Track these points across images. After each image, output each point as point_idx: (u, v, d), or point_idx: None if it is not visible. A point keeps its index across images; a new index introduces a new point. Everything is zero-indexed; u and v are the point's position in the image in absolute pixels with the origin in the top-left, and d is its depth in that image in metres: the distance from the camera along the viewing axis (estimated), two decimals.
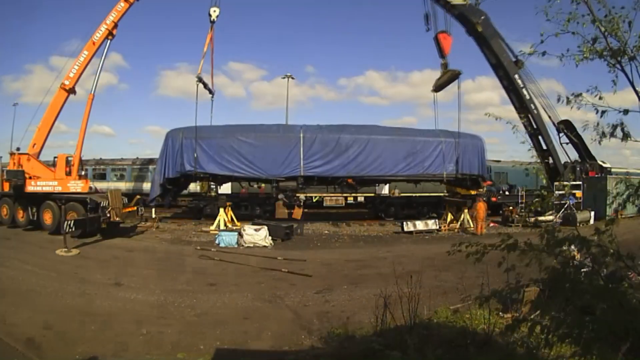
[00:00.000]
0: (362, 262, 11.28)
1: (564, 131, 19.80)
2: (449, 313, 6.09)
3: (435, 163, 17.00)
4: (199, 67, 16.44)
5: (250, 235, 13.59)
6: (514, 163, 24.01)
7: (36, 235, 14.66)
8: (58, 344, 5.68)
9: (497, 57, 18.20)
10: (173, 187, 17.12)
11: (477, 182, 18.13)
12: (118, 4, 16.27)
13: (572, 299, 2.61)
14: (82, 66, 16.14)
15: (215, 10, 16.28)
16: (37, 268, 9.94)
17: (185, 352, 5.52)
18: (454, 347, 4.34)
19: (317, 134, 16.88)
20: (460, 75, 17.35)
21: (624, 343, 2.41)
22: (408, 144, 17.09)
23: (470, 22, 17.61)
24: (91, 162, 24.39)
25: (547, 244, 2.71)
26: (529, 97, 18.60)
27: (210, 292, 8.41)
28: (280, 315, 7.13)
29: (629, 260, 2.57)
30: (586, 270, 2.77)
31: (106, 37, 16.28)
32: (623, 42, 2.82)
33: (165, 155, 16.55)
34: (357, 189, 18.62)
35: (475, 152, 17.68)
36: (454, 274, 8.71)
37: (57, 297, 7.71)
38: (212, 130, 17.13)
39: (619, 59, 2.82)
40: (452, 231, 17.20)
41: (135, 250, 12.90)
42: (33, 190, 15.34)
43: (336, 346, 5.47)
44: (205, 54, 16.68)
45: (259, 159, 16.32)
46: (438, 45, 17.44)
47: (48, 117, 16.04)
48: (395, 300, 5.06)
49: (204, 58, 16.63)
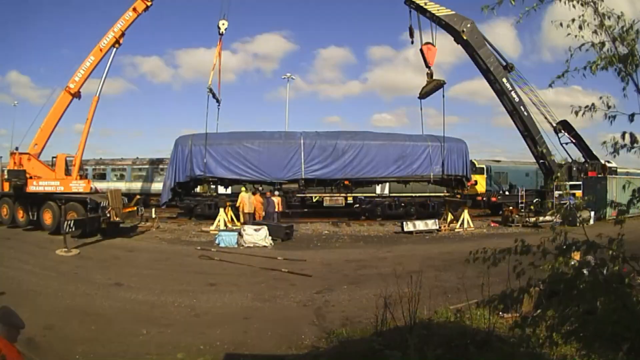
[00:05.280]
0: (362, 262, 11.27)
1: (562, 131, 19.85)
2: (449, 313, 6.09)
3: (423, 165, 18.41)
4: (209, 78, 17.27)
5: (250, 235, 13.58)
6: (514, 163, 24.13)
7: (36, 235, 14.67)
8: (58, 344, 5.67)
9: (485, 63, 18.53)
10: (182, 190, 17.89)
11: (461, 182, 19.40)
12: (126, 13, 16.53)
13: (574, 299, 2.61)
14: (87, 71, 16.35)
15: (224, 23, 16.98)
16: (37, 268, 9.94)
17: (185, 352, 5.51)
18: (454, 347, 4.33)
19: (316, 140, 18.19)
20: (444, 84, 18.39)
21: (626, 342, 2.41)
22: (398, 148, 18.51)
23: (456, 31, 18.02)
24: (91, 162, 24.41)
25: (560, 251, 2.72)
26: (519, 100, 18.99)
27: (210, 292, 8.40)
28: (280, 315, 7.12)
29: (633, 262, 2.56)
30: (588, 270, 2.77)
31: (112, 45, 16.51)
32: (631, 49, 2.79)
33: (175, 161, 17.42)
34: (353, 190, 19.84)
35: (459, 154, 18.93)
36: (454, 274, 8.72)
37: (57, 297, 7.70)
38: (219, 137, 18.01)
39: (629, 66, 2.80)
40: (452, 231, 17.21)
41: (135, 250, 12.90)
42: (35, 190, 15.34)
43: (336, 346, 5.47)
44: (215, 65, 17.43)
45: (264, 163, 17.51)
46: (424, 57, 18.00)
47: (51, 119, 16.10)
48: (396, 300, 5.06)
49: (213, 70, 17.41)
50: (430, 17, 17.69)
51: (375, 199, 21.60)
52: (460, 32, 17.93)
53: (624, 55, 2.77)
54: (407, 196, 21.36)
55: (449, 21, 17.83)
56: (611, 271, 2.59)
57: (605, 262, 2.59)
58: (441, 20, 17.66)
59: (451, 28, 18.06)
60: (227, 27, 17.07)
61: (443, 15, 17.62)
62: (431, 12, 17.54)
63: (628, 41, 2.77)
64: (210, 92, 16.99)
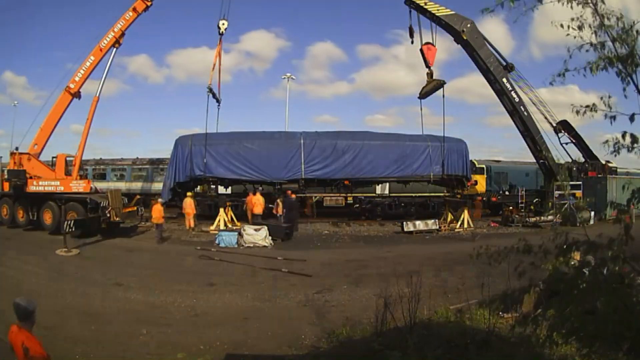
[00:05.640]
0: (362, 262, 11.27)
1: (562, 131, 19.86)
2: (449, 313, 6.09)
3: (423, 165, 18.37)
4: (209, 78, 17.24)
5: (250, 235, 13.58)
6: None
7: (36, 235, 14.66)
8: (58, 344, 5.66)
9: (485, 63, 18.58)
10: (183, 190, 17.84)
11: (461, 182, 19.35)
12: (126, 13, 16.53)
13: (574, 299, 2.60)
14: (87, 71, 16.34)
15: (224, 23, 16.94)
16: (37, 268, 9.94)
17: (185, 352, 5.52)
18: (454, 347, 4.33)
19: (315, 140, 18.14)
20: (444, 84, 18.34)
21: (626, 342, 2.41)
22: (398, 148, 18.48)
23: (456, 31, 18.06)
24: (91, 162, 24.40)
25: (560, 251, 2.71)
26: (518, 100, 18.99)
27: (210, 292, 8.41)
28: (280, 315, 7.12)
29: (633, 262, 2.56)
30: (588, 270, 2.77)
31: (112, 45, 16.52)
32: (631, 49, 2.79)
33: (175, 161, 17.44)
34: (353, 190, 19.81)
35: (459, 154, 18.94)
36: (454, 274, 8.75)
37: (57, 297, 7.70)
38: (219, 137, 17.99)
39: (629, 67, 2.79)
40: (452, 231, 17.22)
41: (135, 250, 12.90)
42: (35, 190, 15.34)
43: (336, 346, 5.47)
44: (215, 65, 17.36)
45: (264, 163, 17.51)
46: (424, 56, 18.02)
47: (51, 119, 16.10)
48: (396, 300, 5.06)
49: (213, 69, 17.37)
50: (430, 17, 17.75)
51: (375, 199, 21.60)
52: (460, 32, 17.99)
53: (624, 56, 2.77)
54: (407, 196, 21.35)
55: (449, 21, 17.90)
56: (611, 271, 2.59)
57: (605, 262, 2.59)
58: (441, 21, 17.74)
59: (451, 28, 18.11)
60: (227, 27, 17.06)
61: (443, 16, 17.69)
62: (431, 12, 17.61)
63: (628, 42, 2.77)
64: (210, 92, 16.98)
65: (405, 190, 21.09)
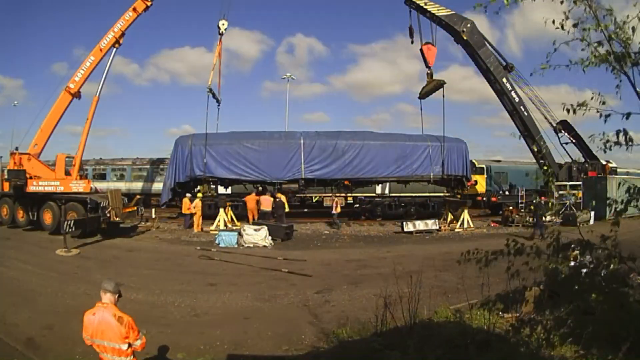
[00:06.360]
0: (362, 262, 11.28)
1: (562, 131, 19.86)
2: (449, 313, 6.09)
3: (423, 165, 18.46)
4: (209, 78, 17.27)
5: (250, 235, 13.58)
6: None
7: (36, 235, 14.66)
8: (58, 344, 5.67)
9: (485, 63, 18.59)
10: (183, 190, 17.89)
11: (461, 182, 19.48)
12: (126, 13, 16.55)
13: (573, 300, 2.60)
14: (87, 71, 16.35)
15: (224, 23, 17.01)
16: (37, 268, 9.94)
17: (185, 352, 5.52)
18: (454, 347, 4.33)
19: (315, 140, 18.19)
20: (444, 84, 18.35)
21: (625, 343, 2.41)
22: (398, 148, 18.55)
23: (456, 31, 18.07)
24: (91, 162, 24.40)
25: (554, 251, 2.71)
26: (518, 100, 19.02)
27: (210, 292, 8.41)
28: (280, 315, 7.12)
29: (630, 262, 2.56)
30: (586, 271, 2.77)
31: (112, 45, 16.53)
32: (627, 47, 2.79)
33: (175, 161, 17.48)
34: (353, 190, 19.89)
35: (459, 154, 18.97)
36: (454, 274, 8.71)
37: (57, 297, 7.71)
38: (219, 137, 18.02)
39: (622, 63, 2.80)
40: (452, 231, 17.22)
41: (135, 250, 12.90)
42: (35, 190, 15.34)
43: (336, 346, 5.46)
44: (215, 65, 17.45)
45: (264, 163, 17.54)
46: (423, 56, 18.06)
47: (51, 119, 16.10)
48: (395, 300, 5.06)
49: (213, 69, 17.44)
50: (430, 17, 17.82)
51: (375, 199, 21.63)
52: (460, 32, 18.06)
53: (619, 53, 2.77)
54: (407, 196, 21.38)
55: (449, 21, 17.96)
56: (609, 271, 2.59)
57: (600, 261, 2.59)
58: (441, 21, 17.80)
59: (451, 28, 18.18)
60: (227, 27, 17.13)
61: (443, 16, 17.75)
62: (431, 12, 17.68)
63: (624, 39, 2.77)
64: (210, 92, 17.01)
65: (405, 190, 21.12)
